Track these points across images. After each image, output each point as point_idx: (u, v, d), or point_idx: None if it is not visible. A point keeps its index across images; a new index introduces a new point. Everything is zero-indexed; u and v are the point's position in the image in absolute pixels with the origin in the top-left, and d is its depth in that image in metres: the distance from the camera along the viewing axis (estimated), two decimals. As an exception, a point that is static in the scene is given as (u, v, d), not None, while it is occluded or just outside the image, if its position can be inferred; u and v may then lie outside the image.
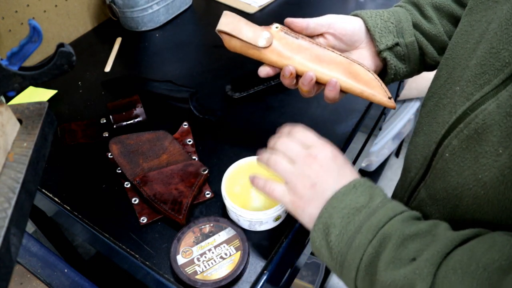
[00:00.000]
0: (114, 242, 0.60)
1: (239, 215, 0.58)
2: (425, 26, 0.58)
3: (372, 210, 0.43)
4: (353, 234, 0.42)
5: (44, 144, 0.42)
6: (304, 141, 0.51)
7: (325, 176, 0.47)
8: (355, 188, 0.45)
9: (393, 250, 0.39)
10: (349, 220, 0.43)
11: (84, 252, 1.16)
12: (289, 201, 0.48)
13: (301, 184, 0.47)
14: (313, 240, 0.46)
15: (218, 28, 0.57)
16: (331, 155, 0.49)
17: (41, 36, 0.38)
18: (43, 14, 0.91)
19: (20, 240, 0.35)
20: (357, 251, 0.41)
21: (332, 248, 0.43)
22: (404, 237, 0.40)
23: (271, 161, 0.51)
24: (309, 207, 0.47)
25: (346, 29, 0.57)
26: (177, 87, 0.81)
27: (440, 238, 0.38)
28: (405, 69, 0.60)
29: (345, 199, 0.44)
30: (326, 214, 0.44)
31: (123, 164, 0.67)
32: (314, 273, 1.35)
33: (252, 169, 0.62)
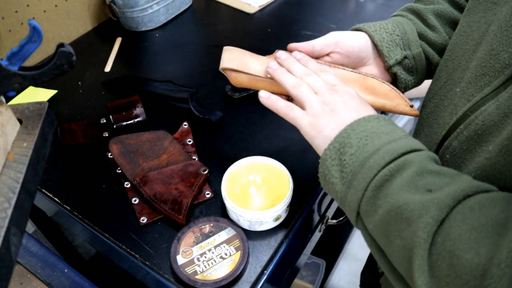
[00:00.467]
0: (114, 242, 0.60)
1: (239, 215, 0.58)
2: (430, 36, 0.57)
3: (394, 138, 0.41)
4: (370, 154, 0.40)
5: (44, 144, 0.42)
6: (329, 80, 0.50)
7: (345, 105, 0.46)
8: (378, 119, 0.44)
9: (412, 176, 0.38)
10: (367, 142, 0.41)
11: (84, 252, 1.16)
12: (306, 123, 0.47)
13: (321, 109, 0.46)
14: (324, 158, 0.44)
15: (222, 66, 0.55)
16: (353, 92, 0.48)
17: (41, 36, 0.38)
18: (43, 14, 0.91)
19: (20, 240, 0.35)
20: (371, 170, 0.40)
21: (344, 166, 0.42)
22: (425, 169, 0.38)
23: (296, 84, 0.49)
24: (326, 129, 0.45)
25: (353, 46, 0.56)
26: (177, 87, 0.81)
27: (464, 181, 0.37)
28: (413, 81, 0.59)
29: (366, 124, 0.43)
30: (344, 134, 0.43)
31: (123, 164, 0.67)
32: (314, 273, 1.35)
33: (253, 169, 0.62)
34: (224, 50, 0.56)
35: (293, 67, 0.52)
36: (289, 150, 0.71)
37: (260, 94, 0.52)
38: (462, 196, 0.35)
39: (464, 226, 0.33)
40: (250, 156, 0.63)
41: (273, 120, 0.77)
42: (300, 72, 0.51)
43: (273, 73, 0.52)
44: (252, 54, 0.56)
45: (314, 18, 1.02)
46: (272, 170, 0.62)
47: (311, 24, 1.01)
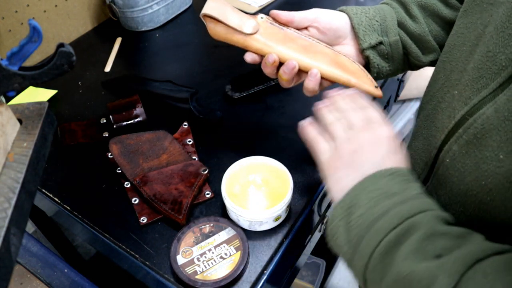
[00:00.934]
0: (114, 242, 0.60)
1: (239, 215, 0.58)
2: (410, 25, 0.58)
3: (404, 199, 0.39)
4: (377, 217, 0.38)
5: (44, 144, 0.42)
6: (370, 117, 0.47)
7: (370, 149, 0.43)
8: (392, 175, 0.41)
9: (418, 241, 0.36)
10: (376, 203, 0.39)
11: (84, 252, 1.16)
12: (325, 159, 0.45)
13: (346, 146, 0.44)
14: (333, 218, 0.42)
15: (203, 12, 0.55)
16: (388, 135, 0.45)
17: (41, 36, 0.38)
18: (43, 14, 0.91)
19: (20, 240, 0.35)
20: (376, 234, 0.37)
21: (351, 229, 0.40)
22: (433, 232, 0.36)
23: (334, 120, 0.47)
24: (340, 172, 0.43)
25: (331, 24, 0.57)
26: (177, 87, 0.81)
27: (475, 243, 0.35)
28: (388, 68, 0.60)
29: (378, 182, 0.41)
30: (354, 192, 0.41)
31: (123, 164, 0.67)
32: (314, 273, 1.35)
33: (253, 169, 0.62)
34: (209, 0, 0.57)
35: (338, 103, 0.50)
36: (289, 150, 0.71)
37: (301, 123, 0.50)
38: (473, 260, 0.33)
39: None
40: (250, 156, 0.63)
41: (273, 120, 0.77)
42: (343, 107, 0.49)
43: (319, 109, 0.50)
44: (233, 8, 0.57)
45: (314, 18, 1.02)
46: (272, 170, 0.62)
47: (311, 24, 1.01)
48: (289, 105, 0.80)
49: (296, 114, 0.78)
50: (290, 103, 0.80)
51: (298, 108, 0.79)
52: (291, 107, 0.79)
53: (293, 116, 0.78)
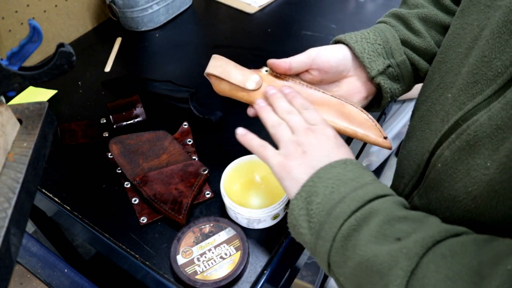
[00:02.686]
0: (114, 242, 0.60)
1: (237, 212, 0.58)
2: (415, 42, 0.56)
3: (360, 184, 0.41)
4: (336, 203, 0.40)
5: (44, 144, 0.42)
6: (310, 119, 0.50)
7: (317, 148, 0.46)
8: (345, 164, 0.44)
9: (379, 225, 0.37)
10: (333, 190, 0.41)
11: (84, 252, 1.16)
12: (277, 162, 0.47)
13: (293, 149, 0.47)
14: (292, 208, 0.44)
15: (206, 71, 0.57)
16: (330, 134, 0.48)
17: (41, 36, 0.38)
18: (43, 14, 0.91)
19: (20, 240, 0.35)
20: (337, 219, 0.39)
21: (312, 216, 0.41)
22: (392, 216, 0.38)
23: (275, 124, 0.50)
24: (294, 171, 0.45)
25: (330, 62, 0.56)
26: (177, 87, 0.81)
27: (432, 225, 0.37)
28: (400, 88, 0.58)
29: (332, 171, 0.43)
30: (311, 182, 0.43)
31: (123, 164, 0.67)
32: (314, 273, 1.35)
33: (252, 168, 0.62)
34: (212, 58, 0.58)
35: (277, 103, 0.53)
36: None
37: (237, 131, 0.53)
38: (431, 242, 0.34)
39: (438, 276, 0.33)
40: (249, 155, 0.63)
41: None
42: (283, 109, 0.52)
43: (258, 110, 0.54)
44: (236, 65, 0.58)
45: (314, 18, 1.02)
46: None
47: (311, 24, 1.01)
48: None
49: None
50: (290, 103, 0.80)
51: (298, 108, 0.79)
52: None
53: (293, 116, 0.78)
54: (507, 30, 0.39)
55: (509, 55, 0.38)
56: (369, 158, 1.59)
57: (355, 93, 0.58)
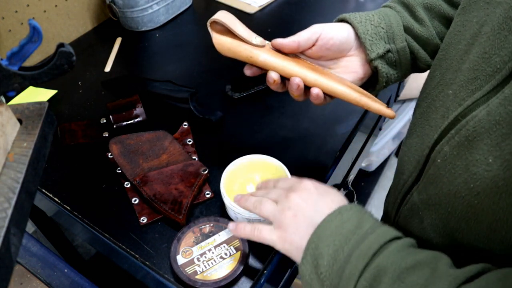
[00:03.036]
0: (114, 242, 0.60)
1: (238, 212, 0.58)
2: (417, 30, 0.56)
3: (361, 237, 0.41)
4: (343, 264, 0.40)
5: (44, 144, 0.42)
6: (285, 186, 0.51)
7: (304, 205, 0.46)
8: (340, 214, 0.43)
9: (389, 285, 0.37)
10: (336, 248, 0.41)
11: (84, 252, 1.16)
12: (276, 238, 0.47)
13: (283, 217, 0.47)
14: (303, 274, 0.43)
15: (212, 18, 0.54)
16: (310, 186, 0.48)
17: (41, 36, 0.38)
18: (43, 14, 0.91)
19: (20, 240, 0.35)
20: (348, 283, 0.39)
21: (324, 280, 0.41)
22: (401, 271, 0.37)
23: (256, 203, 0.51)
24: (295, 239, 0.45)
25: (334, 39, 0.55)
26: (177, 87, 0.81)
27: (442, 276, 0.36)
28: (396, 75, 0.59)
29: (330, 226, 0.42)
30: (313, 245, 0.42)
31: (123, 164, 0.67)
32: (314, 273, 1.34)
33: (252, 168, 0.62)
34: (218, 12, 0.56)
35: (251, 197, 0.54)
36: (290, 150, 0.71)
37: (229, 227, 0.53)
38: None
39: None
40: (249, 155, 0.63)
41: (273, 120, 0.77)
42: (259, 193, 0.54)
43: (237, 202, 0.55)
44: (242, 24, 0.56)
45: (314, 18, 1.02)
46: (270, 167, 0.62)
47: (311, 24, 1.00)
48: (289, 105, 0.80)
49: (296, 114, 0.78)
50: (290, 103, 0.80)
51: (298, 108, 0.79)
52: (291, 107, 0.79)
53: (293, 116, 0.78)
54: (507, 27, 0.39)
55: (508, 51, 0.38)
56: (369, 158, 1.59)
57: (351, 72, 0.58)
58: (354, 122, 0.76)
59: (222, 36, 0.55)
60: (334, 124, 0.76)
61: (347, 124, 0.76)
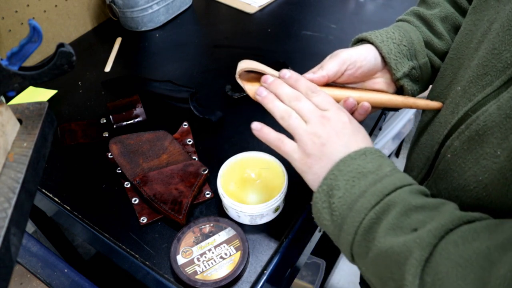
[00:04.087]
0: (114, 242, 0.60)
1: (240, 211, 0.58)
2: (436, 44, 0.56)
3: (379, 177, 0.41)
4: (357, 197, 0.41)
5: (44, 144, 0.42)
6: (320, 103, 0.48)
7: (335, 138, 0.46)
8: (364, 155, 0.44)
9: (396, 217, 0.38)
10: (354, 184, 0.42)
11: (84, 252, 1.16)
12: (297, 158, 0.47)
13: (311, 142, 0.46)
14: (315, 201, 0.44)
15: (241, 68, 0.52)
16: (346, 119, 0.47)
17: (41, 36, 0.38)
18: (43, 14, 0.91)
19: (20, 240, 0.35)
20: (358, 214, 0.40)
21: (334, 210, 0.42)
22: (409, 207, 0.39)
23: (284, 114, 0.48)
24: (315, 166, 0.45)
25: (362, 68, 0.54)
26: (177, 87, 0.81)
27: (446, 214, 0.37)
28: (418, 89, 0.58)
29: (352, 163, 0.43)
30: (332, 176, 0.43)
31: (123, 164, 0.67)
32: (314, 273, 1.35)
33: (245, 165, 0.63)
34: (240, 62, 0.54)
35: (280, 90, 0.50)
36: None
37: (252, 126, 0.50)
38: (444, 231, 0.35)
39: (450, 263, 0.33)
40: (241, 153, 0.63)
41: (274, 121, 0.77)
42: (288, 96, 0.49)
43: (262, 100, 0.51)
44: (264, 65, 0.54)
45: (314, 18, 1.02)
46: (264, 163, 0.63)
47: (311, 24, 1.01)
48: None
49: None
50: (290, 103, 0.80)
51: (298, 108, 0.79)
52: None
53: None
54: None
55: None
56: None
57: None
58: (354, 122, 0.76)
59: (254, 84, 0.54)
60: (334, 124, 0.75)
61: (347, 124, 0.76)
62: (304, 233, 0.69)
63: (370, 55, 0.55)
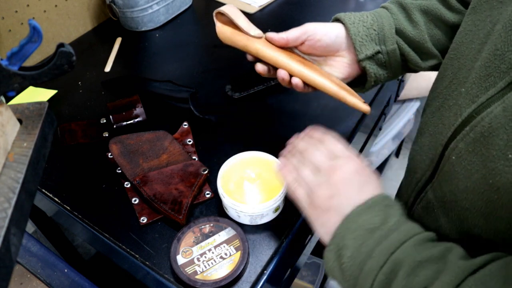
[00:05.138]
0: (114, 242, 0.60)
1: (240, 211, 0.58)
2: (409, 32, 0.57)
3: (385, 233, 0.42)
4: (365, 258, 0.41)
5: (44, 144, 0.42)
6: (331, 151, 0.50)
7: (344, 189, 0.46)
8: (370, 208, 0.44)
9: (404, 278, 0.38)
10: (362, 242, 0.42)
11: (84, 252, 1.16)
12: (306, 206, 0.49)
13: (320, 193, 0.47)
14: (327, 261, 0.45)
15: (218, 9, 0.58)
16: (356, 168, 0.47)
17: (41, 36, 0.38)
18: (43, 14, 0.91)
19: (20, 240, 0.35)
20: (368, 276, 0.40)
21: (345, 270, 0.43)
22: (415, 264, 0.39)
23: (295, 167, 0.51)
24: (322, 217, 0.46)
25: (321, 42, 0.57)
26: (177, 87, 0.81)
27: (451, 267, 0.37)
28: (385, 75, 0.60)
29: (359, 220, 0.43)
30: (340, 235, 0.44)
31: (123, 164, 0.67)
32: (314, 273, 1.35)
33: (245, 165, 0.63)
34: (226, 4, 0.60)
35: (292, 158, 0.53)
36: (289, 150, 0.71)
37: (279, 160, 0.54)
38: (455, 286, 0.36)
39: None
40: (240, 153, 0.63)
41: (274, 120, 0.77)
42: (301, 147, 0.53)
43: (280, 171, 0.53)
44: (245, 17, 0.60)
45: (314, 18, 1.02)
46: (263, 163, 0.63)
47: (311, 24, 1.01)
48: (289, 105, 0.80)
49: (296, 114, 0.78)
50: (290, 103, 0.80)
51: (298, 108, 0.79)
52: (291, 107, 0.79)
53: (293, 116, 0.78)
54: None
55: None
56: (369, 158, 1.59)
57: (338, 73, 0.60)
58: (354, 122, 0.76)
59: (225, 26, 0.59)
60: (334, 124, 0.76)
61: (347, 124, 0.76)
62: (304, 233, 0.69)
63: (333, 32, 0.58)
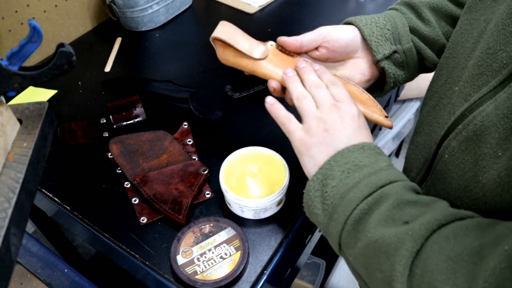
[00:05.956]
0: (114, 242, 0.60)
1: (243, 205, 0.58)
2: (423, 30, 0.57)
3: (374, 171, 0.42)
4: (350, 188, 0.41)
5: (44, 144, 0.42)
6: (336, 95, 0.50)
7: (340, 128, 0.47)
8: (363, 149, 0.45)
9: (388, 209, 0.39)
10: (349, 175, 0.42)
11: (84, 252, 1.16)
12: (298, 138, 0.48)
13: (315, 125, 0.47)
14: (308, 189, 0.45)
15: (214, 35, 0.56)
16: (355, 113, 0.48)
17: (41, 36, 0.38)
18: (43, 14, 0.91)
19: (20, 240, 0.35)
20: (350, 204, 0.41)
21: (326, 198, 0.43)
22: (402, 201, 0.39)
23: (301, 96, 0.51)
24: (313, 149, 0.47)
25: (339, 42, 0.57)
26: (177, 87, 0.81)
27: (439, 209, 0.38)
28: (404, 75, 0.59)
29: (350, 156, 0.44)
30: (328, 165, 0.44)
31: (123, 164, 0.67)
32: (314, 273, 1.35)
33: (246, 160, 0.63)
34: (219, 24, 0.58)
35: (306, 75, 0.53)
36: (290, 149, 0.71)
37: (267, 100, 0.53)
38: (436, 225, 0.36)
39: (441, 256, 0.34)
40: (241, 148, 0.64)
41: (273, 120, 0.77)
42: (310, 82, 0.52)
43: (286, 79, 0.54)
44: (243, 33, 0.58)
45: (314, 18, 1.02)
46: (264, 157, 0.63)
47: (311, 24, 1.01)
48: (289, 105, 0.79)
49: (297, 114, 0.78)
50: (290, 103, 0.80)
51: (298, 108, 0.79)
52: (291, 107, 0.79)
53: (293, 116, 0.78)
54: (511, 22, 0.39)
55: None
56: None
57: (358, 74, 0.59)
58: (354, 122, 0.76)
59: (225, 50, 0.57)
60: (334, 124, 0.76)
61: (347, 124, 0.76)
62: (305, 232, 0.69)
63: (349, 32, 0.57)
